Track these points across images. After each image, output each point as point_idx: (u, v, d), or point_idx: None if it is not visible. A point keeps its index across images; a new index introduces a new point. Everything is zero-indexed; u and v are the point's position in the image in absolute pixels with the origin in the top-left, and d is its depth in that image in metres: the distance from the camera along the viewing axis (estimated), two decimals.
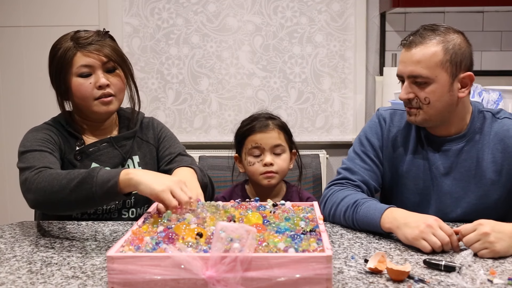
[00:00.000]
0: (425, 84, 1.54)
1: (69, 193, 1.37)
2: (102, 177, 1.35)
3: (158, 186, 1.29)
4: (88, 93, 1.60)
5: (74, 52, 1.59)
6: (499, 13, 3.30)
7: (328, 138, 3.41)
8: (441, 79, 1.53)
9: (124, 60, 1.67)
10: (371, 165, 1.69)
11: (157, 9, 3.34)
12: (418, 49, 1.54)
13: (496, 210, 1.60)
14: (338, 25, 3.34)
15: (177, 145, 1.78)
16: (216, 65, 3.37)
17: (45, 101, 3.40)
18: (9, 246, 1.41)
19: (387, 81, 3.12)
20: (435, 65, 1.52)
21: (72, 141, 1.66)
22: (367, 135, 1.72)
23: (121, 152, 1.68)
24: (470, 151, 1.62)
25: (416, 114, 1.58)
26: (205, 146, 3.35)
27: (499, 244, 1.27)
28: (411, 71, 1.55)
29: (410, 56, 1.55)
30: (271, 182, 1.81)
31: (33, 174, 1.44)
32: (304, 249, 1.07)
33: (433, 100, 1.55)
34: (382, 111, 1.75)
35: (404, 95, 1.58)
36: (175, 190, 1.29)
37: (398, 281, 1.14)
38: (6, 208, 3.52)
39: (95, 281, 1.16)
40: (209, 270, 1.01)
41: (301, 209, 1.41)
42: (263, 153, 1.80)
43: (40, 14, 3.38)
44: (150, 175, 1.34)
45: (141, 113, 1.78)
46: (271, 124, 1.82)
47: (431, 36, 1.54)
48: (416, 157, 1.67)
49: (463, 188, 1.62)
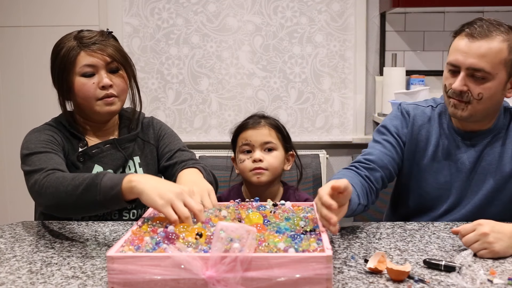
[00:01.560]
0: (483, 79, 1.51)
1: (76, 200, 1.36)
2: (105, 184, 1.33)
3: (159, 199, 1.25)
4: (91, 93, 1.59)
5: (77, 51, 1.58)
6: (499, 13, 3.30)
7: (328, 138, 3.41)
8: (500, 77, 1.52)
9: (128, 61, 1.66)
10: (392, 151, 1.66)
11: (157, 9, 3.34)
12: (484, 42, 1.49)
13: (510, 205, 1.62)
14: (338, 25, 3.34)
15: (177, 141, 1.77)
16: (216, 65, 3.37)
17: (45, 101, 3.40)
18: (9, 246, 1.41)
19: (387, 81, 3.12)
20: (499, 62, 1.50)
21: (74, 142, 1.65)
22: (388, 125, 1.70)
23: (124, 154, 1.67)
24: (494, 146, 1.63)
25: (463, 108, 1.54)
26: (205, 146, 3.35)
27: (498, 245, 1.27)
28: (473, 64, 1.50)
29: (475, 48, 1.49)
30: (260, 179, 1.76)
31: (41, 178, 1.42)
32: (304, 249, 1.07)
33: (486, 97, 1.52)
34: (404, 105, 1.74)
35: (459, 87, 1.52)
36: (176, 204, 1.24)
37: (398, 281, 1.14)
38: (6, 208, 3.52)
39: (95, 281, 1.16)
40: (209, 270, 1.01)
41: (301, 209, 1.41)
42: (253, 150, 1.78)
43: (40, 14, 3.38)
44: (152, 184, 1.29)
45: (142, 114, 1.78)
46: (262, 122, 1.80)
47: (497, 32, 1.50)
48: (438, 152, 1.66)
49: (483, 181, 1.63)
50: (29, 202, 1.58)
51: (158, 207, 1.24)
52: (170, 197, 1.24)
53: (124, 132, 1.72)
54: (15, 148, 1.62)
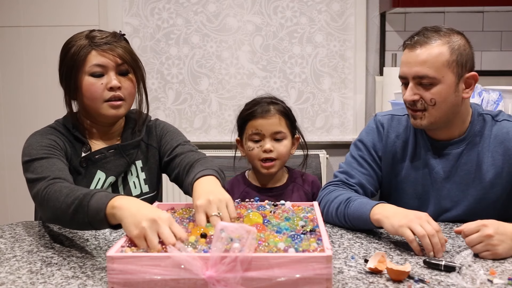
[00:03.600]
0: (431, 85, 1.52)
1: (69, 219, 1.32)
2: (92, 207, 1.26)
3: (134, 229, 1.15)
4: (98, 94, 1.55)
5: (88, 50, 1.54)
6: (499, 13, 3.30)
7: (328, 138, 3.41)
8: (448, 80, 1.52)
9: (138, 64, 1.63)
10: (368, 169, 1.69)
11: (157, 9, 3.34)
12: (424, 49, 1.52)
13: (494, 211, 1.60)
14: (338, 25, 3.34)
15: (179, 137, 1.73)
16: (216, 65, 3.37)
17: (45, 101, 3.41)
18: (9, 246, 1.41)
19: (387, 81, 3.12)
20: (442, 65, 1.51)
21: (77, 146, 1.61)
22: (364, 140, 1.71)
23: (128, 160, 1.64)
24: (470, 154, 1.61)
25: (421, 117, 1.56)
26: (205, 146, 3.35)
27: (501, 247, 1.27)
28: (416, 72, 1.52)
29: (415, 56, 1.53)
30: (270, 171, 1.79)
31: (42, 188, 1.38)
32: (304, 249, 1.07)
33: (439, 101, 1.52)
34: (379, 116, 1.74)
35: (409, 97, 1.55)
36: (148, 235, 1.13)
37: (398, 281, 1.14)
38: (6, 208, 3.52)
39: (95, 281, 1.16)
40: (209, 270, 1.01)
41: (301, 209, 1.41)
42: (263, 139, 1.78)
43: (40, 14, 3.38)
44: (131, 211, 1.19)
45: (148, 117, 1.74)
46: (272, 110, 1.79)
47: (435, 37, 1.52)
48: (415, 162, 1.66)
49: (463, 191, 1.62)
50: (29, 202, 1.58)
51: (132, 237, 1.16)
52: (143, 227, 1.14)
53: (128, 134, 1.68)
54: (15, 148, 1.61)
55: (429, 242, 1.28)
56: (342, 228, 1.55)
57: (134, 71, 1.61)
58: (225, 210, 1.27)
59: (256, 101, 1.83)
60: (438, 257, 1.27)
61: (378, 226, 1.43)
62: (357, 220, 1.48)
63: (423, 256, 1.29)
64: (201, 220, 1.24)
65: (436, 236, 1.28)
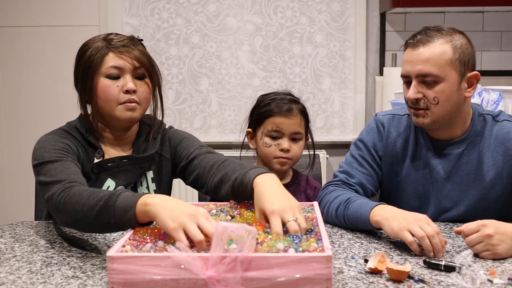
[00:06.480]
0: (434, 83, 1.52)
1: (92, 222, 1.29)
2: (119, 207, 1.23)
3: (171, 222, 1.14)
4: (114, 96, 1.51)
5: (106, 51, 1.52)
6: (499, 13, 3.31)
7: (328, 138, 3.41)
8: (451, 78, 1.52)
9: (155, 69, 1.60)
10: (369, 169, 1.69)
11: (157, 9, 3.34)
12: (426, 48, 1.52)
13: (494, 211, 1.60)
14: (338, 25, 3.34)
15: (195, 142, 1.68)
16: (216, 65, 3.37)
17: (45, 101, 3.41)
18: (9, 246, 1.41)
19: (387, 81, 3.12)
20: (445, 63, 1.51)
21: (90, 151, 1.57)
22: (365, 140, 1.71)
23: (140, 172, 1.61)
24: (471, 154, 1.61)
25: (424, 115, 1.55)
26: None
27: (501, 247, 1.27)
28: (420, 70, 1.52)
29: (417, 55, 1.53)
30: (283, 167, 1.79)
31: (58, 192, 1.35)
32: (304, 249, 1.07)
33: (442, 100, 1.53)
34: (380, 116, 1.74)
35: (412, 95, 1.55)
36: (188, 226, 1.12)
37: (398, 281, 1.14)
38: (6, 208, 3.52)
39: (95, 281, 1.16)
40: (209, 270, 1.01)
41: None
42: (281, 137, 1.78)
43: (40, 14, 3.38)
44: (167, 205, 1.18)
45: (163, 124, 1.71)
46: (295, 109, 1.78)
47: (438, 36, 1.53)
48: (415, 162, 1.66)
49: (463, 191, 1.62)
50: (29, 202, 1.57)
51: (169, 231, 1.14)
52: (183, 220, 1.13)
53: (142, 141, 1.64)
54: (15, 148, 1.60)
55: (429, 243, 1.28)
56: (342, 228, 1.56)
57: (151, 76, 1.58)
58: (302, 219, 1.21)
59: (277, 98, 1.80)
60: (438, 258, 1.27)
61: (378, 227, 1.43)
62: (356, 221, 1.49)
63: (423, 256, 1.29)
64: (277, 225, 1.18)
65: (436, 237, 1.28)
